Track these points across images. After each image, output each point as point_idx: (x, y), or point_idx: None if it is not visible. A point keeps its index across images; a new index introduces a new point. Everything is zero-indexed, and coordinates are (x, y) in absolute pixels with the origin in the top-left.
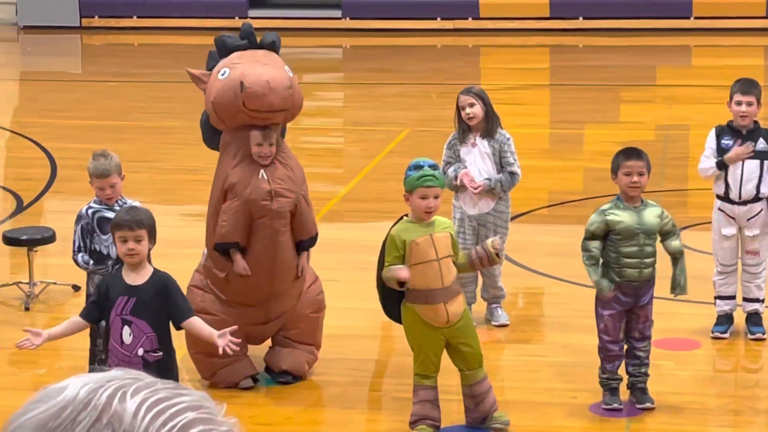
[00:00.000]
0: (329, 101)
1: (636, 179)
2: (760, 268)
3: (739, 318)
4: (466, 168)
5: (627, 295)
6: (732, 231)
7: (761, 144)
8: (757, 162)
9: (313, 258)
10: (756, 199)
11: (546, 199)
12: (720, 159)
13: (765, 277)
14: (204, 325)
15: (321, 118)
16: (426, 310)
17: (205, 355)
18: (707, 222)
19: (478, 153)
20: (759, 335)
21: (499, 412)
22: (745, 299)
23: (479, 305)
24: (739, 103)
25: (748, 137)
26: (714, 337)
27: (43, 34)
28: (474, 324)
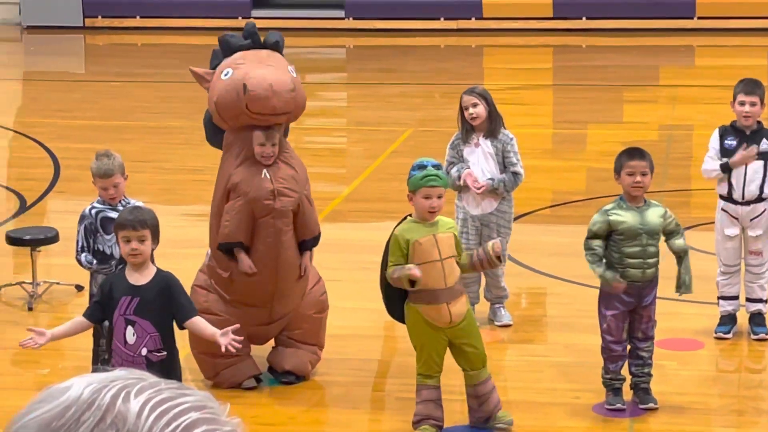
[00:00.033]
0: (332, 101)
1: (639, 179)
2: (763, 268)
3: (743, 318)
4: (469, 168)
5: (630, 296)
6: (735, 231)
7: (764, 144)
8: (761, 162)
9: (316, 258)
10: (759, 200)
11: (549, 199)
12: (725, 162)
13: None
14: (207, 325)
15: (324, 118)
16: (429, 310)
17: (209, 355)
18: (710, 222)
19: (481, 153)
20: (762, 335)
21: (503, 412)
22: (748, 299)
23: (482, 305)
24: (743, 104)
25: (751, 137)
26: (717, 338)
27: (47, 34)
28: (477, 324)
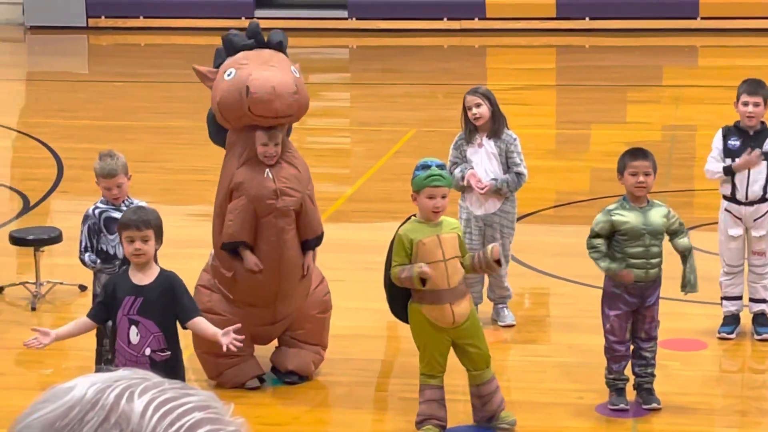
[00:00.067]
0: (335, 101)
1: (642, 179)
2: (766, 268)
3: (746, 318)
4: (472, 168)
5: (633, 296)
6: (739, 231)
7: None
8: (765, 163)
9: (320, 258)
10: (763, 200)
11: (552, 200)
12: (728, 165)
13: None
14: (208, 325)
15: (327, 118)
16: (432, 310)
17: (212, 355)
18: (713, 222)
19: (484, 153)
20: (765, 336)
21: (506, 412)
22: (752, 300)
23: (486, 305)
24: (746, 104)
25: (754, 138)
26: (720, 338)
27: (50, 34)
28: (481, 324)
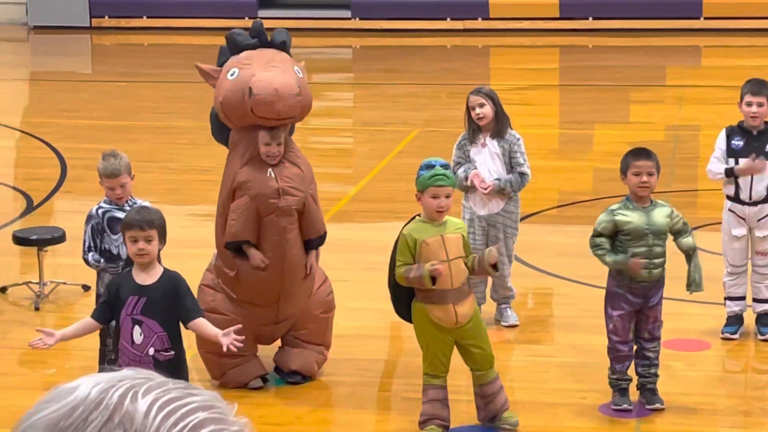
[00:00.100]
0: (339, 101)
1: (645, 179)
2: None
3: (749, 319)
4: (476, 168)
5: (636, 296)
6: (742, 232)
7: None
8: None
9: (323, 258)
10: (767, 200)
11: (555, 200)
12: (730, 168)
13: None
14: (209, 326)
15: (330, 118)
16: (435, 310)
17: (215, 355)
18: (717, 222)
19: (488, 153)
20: None
21: (509, 412)
22: (755, 300)
23: (489, 305)
24: (750, 104)
25: (758, 138)
26: (724, 338)
27: (53, 34)
28: (485, 325)
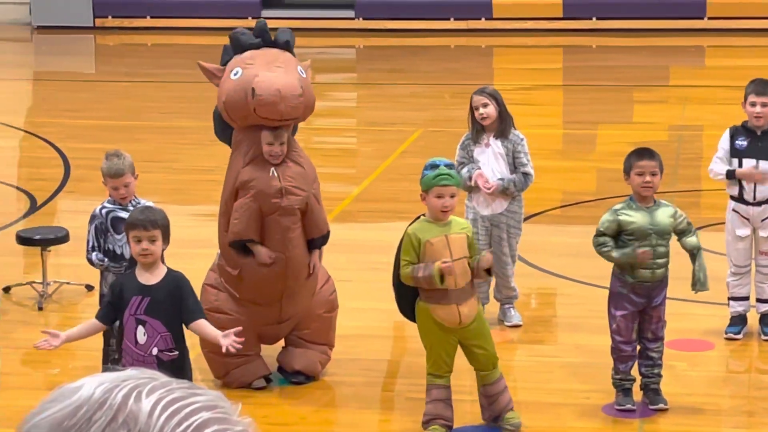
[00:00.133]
0: (342, 101)
1: (648, 179)
2: None
3: (753, 319)
4: (479, 169)
5: (640, 296)
6: (746, 232)
7: None
8: None
9: (326, 258)
10: None
11: (559, 200)
12: (732, 170)
13: None
14: (210, 327)
15: (334, 118)
16: (438, 310)
17: (219, 355)
18: (721, 223)
19: (491, 153)
20: None
21: (512, 413)
22: (759, 300)
23: (492, 305)
24: (754, 104)
25: (762, 138)
26: (727, 338)
27: (57, 34)
28: (488, 326)
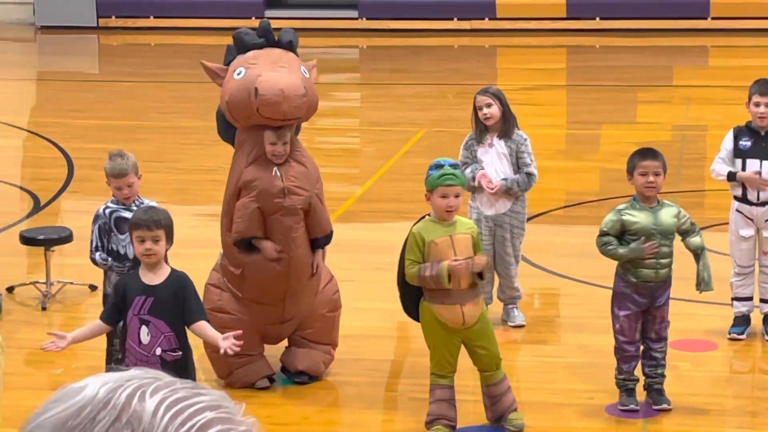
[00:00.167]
0: (345, 101)
1: (652, 179)
2: None
3: (756, 319)
4: (483, 169)
5: (643, 296)
6: (750, 232)
7: None
8: None
9: (329, 258)
10: None
11: (562, 200)
12: (733, 172)
13: None
14: (211, 329)
15: (337, 118)
16: (442, 310)
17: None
18: (724, 223)
19: (495, 153)
20: None
21: (515, 414)
22: (762, 300)
23: (496, 306)
24: (758, 104)
25: (766, 138)
26: (731, 339)
27: (61, 34)
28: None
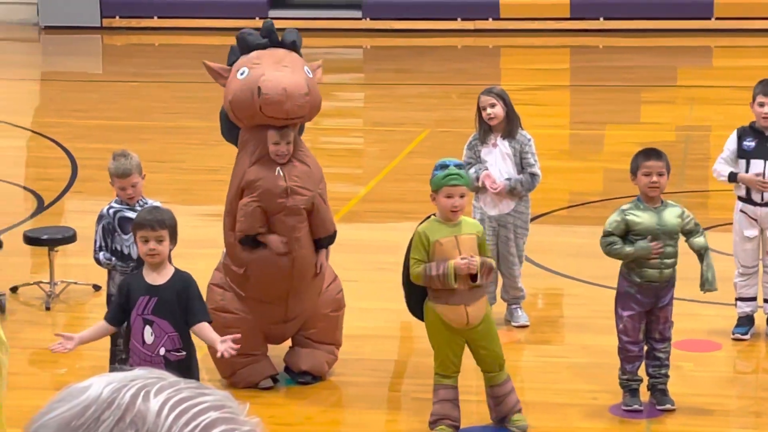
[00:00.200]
0: (349, 102)
1: (655, 179)
2: None
3: (760, 319)
4: (487, 169)
5: (647, 296)
6: (754, 232)
7: None
8: None
9: (333, 258)
10: None
11: (566, 200)
12: (735, 173)
13: None
14: (211, 331)
15: (341, 118)
16: (446, 310)
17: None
18: (728, 223)
19: (498, 154)
20: None
21: (519, 415)
22: (766, 301)
23: (499, 306)
24: (762, 104)
25: None
26: (734, 339)
27: (64, 34)
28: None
